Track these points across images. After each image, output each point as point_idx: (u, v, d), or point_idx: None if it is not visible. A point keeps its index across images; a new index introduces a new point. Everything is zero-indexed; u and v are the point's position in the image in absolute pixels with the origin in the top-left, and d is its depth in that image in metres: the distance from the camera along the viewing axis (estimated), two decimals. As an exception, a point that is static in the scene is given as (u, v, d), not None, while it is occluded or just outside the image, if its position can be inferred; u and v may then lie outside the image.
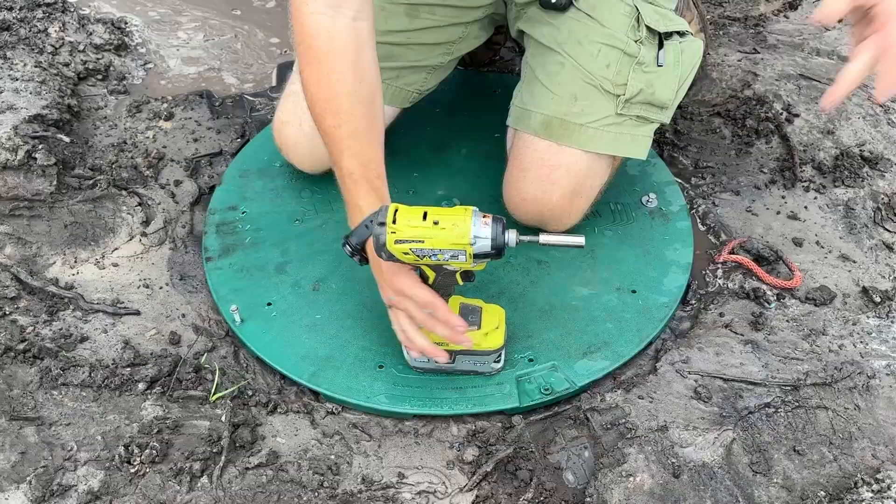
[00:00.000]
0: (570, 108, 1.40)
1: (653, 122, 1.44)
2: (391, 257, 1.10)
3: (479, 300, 1.30)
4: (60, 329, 1.33)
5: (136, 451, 1.14)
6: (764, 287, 1.45)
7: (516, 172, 1.46)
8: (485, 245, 1.09)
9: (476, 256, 1.10)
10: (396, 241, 1.07)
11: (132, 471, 1.13)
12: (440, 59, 1.56)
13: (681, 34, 1.44)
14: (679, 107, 1.85)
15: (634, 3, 1.41)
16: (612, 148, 1.42)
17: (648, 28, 1.40)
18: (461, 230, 1.07)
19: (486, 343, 1.26)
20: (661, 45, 1.41)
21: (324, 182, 1.55)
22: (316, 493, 1.14)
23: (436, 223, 1.07)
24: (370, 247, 1.18)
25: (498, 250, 1.10)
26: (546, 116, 1.41)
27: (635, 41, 1.40)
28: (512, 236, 1.11)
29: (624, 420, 1.24)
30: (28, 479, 1.09)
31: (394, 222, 1.07)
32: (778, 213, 1.62)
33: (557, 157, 1.42)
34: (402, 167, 1.33)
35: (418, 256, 1.08)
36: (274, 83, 1.92)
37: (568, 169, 1.42)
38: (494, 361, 1.30)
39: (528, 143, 1.44)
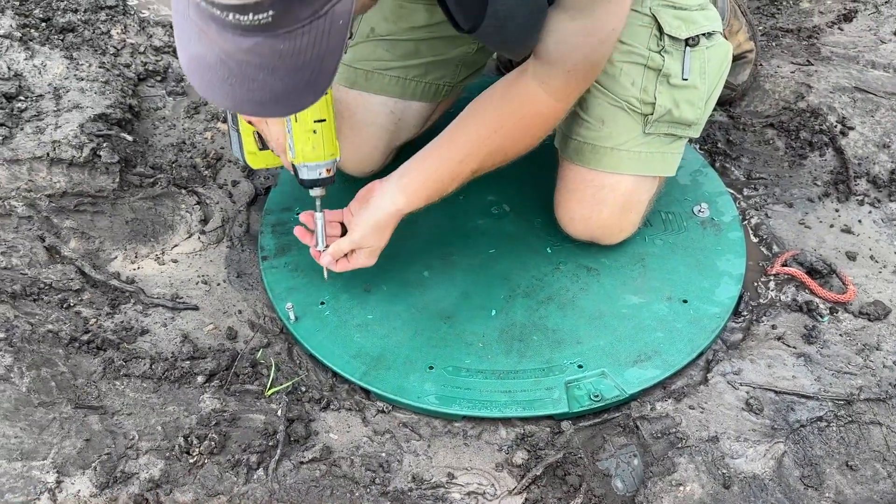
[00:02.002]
0: (598, 132, 1.41)
1: (681, 137, 1.44)
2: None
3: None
4: (122, 322, 1.37)
5: (195, 441, 1.18)
6: (817, 300, 1.44)
7: (564, 193, 1.48)
8: None
9: None
10: None
11: (191, 461, 1.16)
12: (465, 48, 1.55)
13: (707, 35, 1.40)
14: (731, 117, 1.85)
15: (652, 12, 1.37)
16: (641, 168, 1.43)
17: (670, 36, 1.37)
18: None
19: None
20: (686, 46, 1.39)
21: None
22: (368, 490, 1.16)
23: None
24: None
25: None
26: (578, 142, 1.43)
27: (658, 52, 1.37)
28: None
29: (674, 429, 1.24)
30: (93, 465, 1.13)
31: None
32: (831, 226, 1.60)
33: (600, 178, 1.43)
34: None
35: None
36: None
37: (613, 188, 1.43)
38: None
39: (570, 165, 1.47)
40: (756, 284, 1.50)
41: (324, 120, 1.27)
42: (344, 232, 1.39)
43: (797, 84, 1.89)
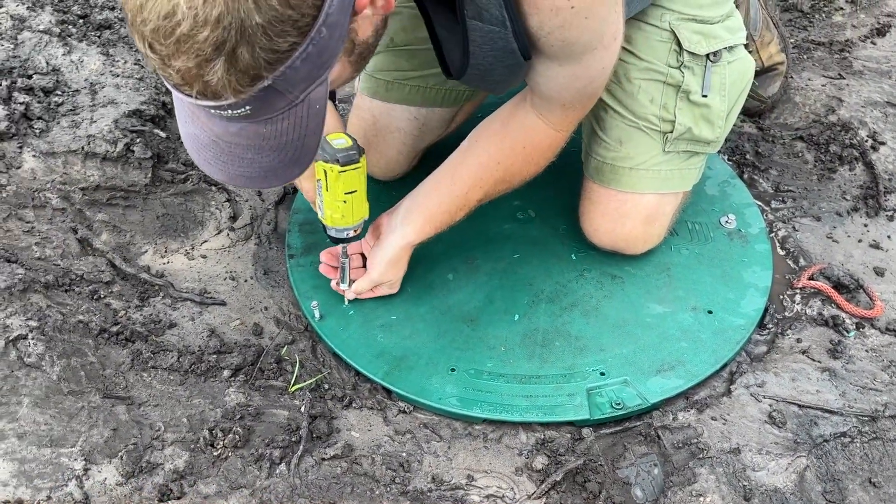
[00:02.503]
0: (616, 153, 1.42)
1: (701, 154, 1.44)
2: None
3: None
4: (151, 314, 1.40)
5: (219, 435, 1.19)
6: (843, 315, 1.43)
7: (587, 205, 1.49)
8: None
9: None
10: None
11: (215, 454, 1.18)
12: None
13: (729, 49, 1.38)
14: (760, 128, 1.84)
15: (672, 27, 1.35)
16: (661, 186, 1.43)
17: (690, 52, 1.35)
18: None
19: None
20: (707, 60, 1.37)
21: (399, 187, 1.59)
22: (388, 489, 1.17)
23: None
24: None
25: None
26: (598, 161, 1.44)
27: (678, 68, 1.35)
28: None
29: (696, 440, 1.24)
30: (119, 454, 1.15)
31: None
32: (860, 241, 1.59)
33: (622, 195, 1.44)
34: (478, 178, 1.38)
35: None
36: (356, 91, 1.97)
37: (636, 203, 1.43)
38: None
39: (592, 180, 1.48)
40: (782, 297, 1.50)
41: (355, 191, 1.28)
42: (364, 261, 1.43)
43: (828, 97, 1.88)
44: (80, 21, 1.90)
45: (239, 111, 0.85)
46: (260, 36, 0.78)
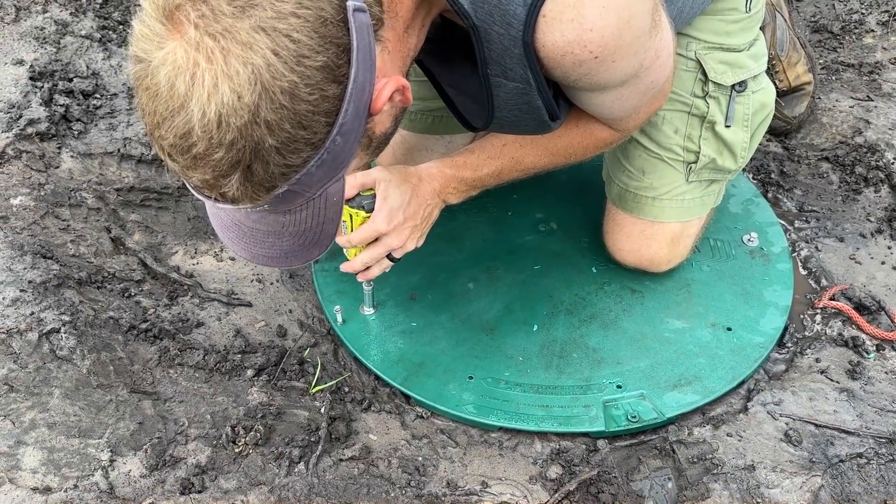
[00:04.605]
0: (639, 182, 1.43)
1: (721, 181, 1.45)
2: None
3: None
4: (179, 313, 1.43)
5: (241, 432, 1.22)
6: (863, 336, 1.43)
7: (611, 226, 1.50)
8: None
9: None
10: None
11: (237, 450, 1.21)
12: None
13: (754, 78, 1.37)
14: (786, 148, 1.84)
15: (698, 57, 1.34)
16: (684, 215, 1.44)
17: (716, 83, 1.34)
18: None
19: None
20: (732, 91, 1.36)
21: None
22: (403, 491, 1.19)
23: None
24: None
25: None
26: (620, 188, 1.46)
27: (703, 98, 1.35)
28: None
29: (711, 455, 1.24)
30: (144, 447, 1.18)
31: None
32: (883, 263, 1.58)
33: (645, 222, 1.45)
34: (502, 189, 1.39)
35: None
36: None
37: (660, 228, 1.45)
38: None
39: (615, 205, 1.49)
40: (802, 317, 1.50)
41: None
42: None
43: (855, 119, 1.87)
44: (121, 27, 1.96)
45: (258, 207, 0.87)
46: (274, 155, 0.80)
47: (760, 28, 1.41)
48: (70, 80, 1.74)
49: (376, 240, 1.25)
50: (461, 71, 1.12)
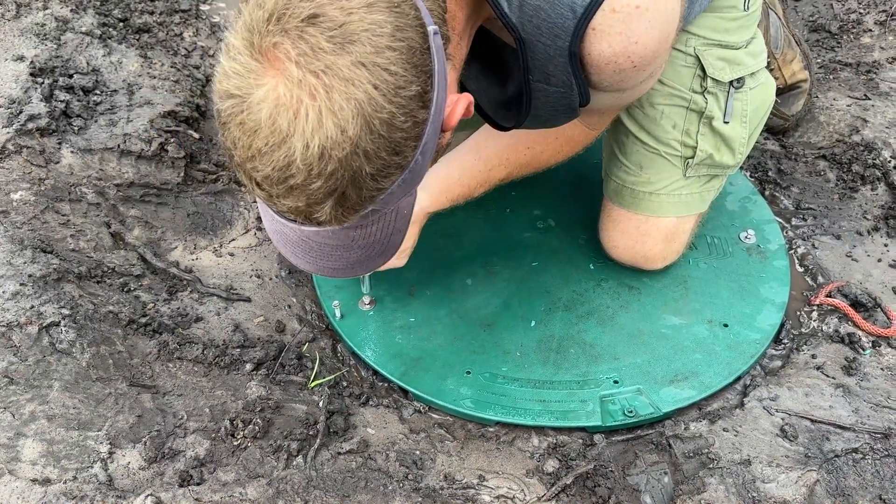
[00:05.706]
0: (637, 177, 1.43)
1: (720, 176, 1.46)
2: None
3: None
4: (178, 308, 1.44)
5: (240, 425, 1.23)
6: (859, 333, 1.43)
7: (607, 222, 1.51)
8: None
9: None
10: None
11: (235, 443, 1.21)
12: None
13: (752, 74, 1.38)
14: (783, 146, 1.85)
15: (697, 53, 1.34)
16: (681, 210, 1.45)
17: (714, 79, 1.35)
18: None
19: None
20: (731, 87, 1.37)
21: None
22: (401, 485, 1.20)
23: None
24: None
25: None
26: (617, 184, 1.46)
27: (701, 93, 1.36)
28: None
29: (707, 450, 1.25)
30: (143, 440, 1.19)
31: None
32: (879, 260, 1.59)
33: (641, 217, 1.46)
34: (500, 187, 1.40)
35: None
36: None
37: (655, 224, 1.45)
38: None
39: (611, 201, 1.50)
40: (799, 313, 1.50)
41: None
42: None
43: (853, 117, 1.88)
44: (121, 24, 1.97)
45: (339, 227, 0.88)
46: (368, 181, 0.82)
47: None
48: (70, 77, 1.74)
49: None
50: (488, 77, 1.16)
